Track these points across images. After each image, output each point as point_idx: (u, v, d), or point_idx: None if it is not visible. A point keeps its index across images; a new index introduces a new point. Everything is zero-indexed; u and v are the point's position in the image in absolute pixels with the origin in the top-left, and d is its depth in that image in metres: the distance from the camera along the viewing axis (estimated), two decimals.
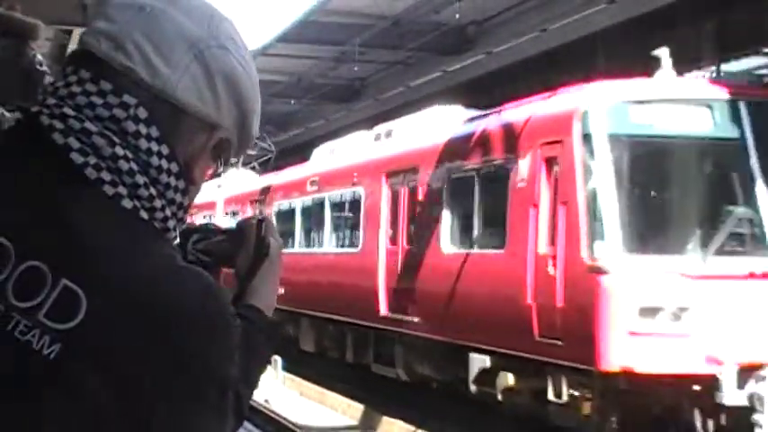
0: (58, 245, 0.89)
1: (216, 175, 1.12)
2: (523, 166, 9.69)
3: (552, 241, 9.05)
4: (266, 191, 19.78)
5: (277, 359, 19.34)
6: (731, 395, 7.95)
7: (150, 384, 0.89)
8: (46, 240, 0.89)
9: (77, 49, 1.01)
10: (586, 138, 8.89)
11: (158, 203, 0.98)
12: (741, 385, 7.95)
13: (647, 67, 10.29)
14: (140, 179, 0.96)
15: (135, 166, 0.96)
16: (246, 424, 10.51)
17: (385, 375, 13.64)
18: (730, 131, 9.03)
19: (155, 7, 1.00)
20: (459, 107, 13.86)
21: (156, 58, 0.98)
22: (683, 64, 17.73)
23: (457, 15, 20.20)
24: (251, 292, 1.23)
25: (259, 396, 15.52)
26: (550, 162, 9.30)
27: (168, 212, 1.00)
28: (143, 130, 0.97)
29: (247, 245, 1.26)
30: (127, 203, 0.95)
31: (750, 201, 8.88)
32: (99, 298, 0.88)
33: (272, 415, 13.09)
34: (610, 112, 9.05)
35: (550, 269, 8.93)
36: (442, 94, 24.63)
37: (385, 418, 13.89)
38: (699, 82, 10.75)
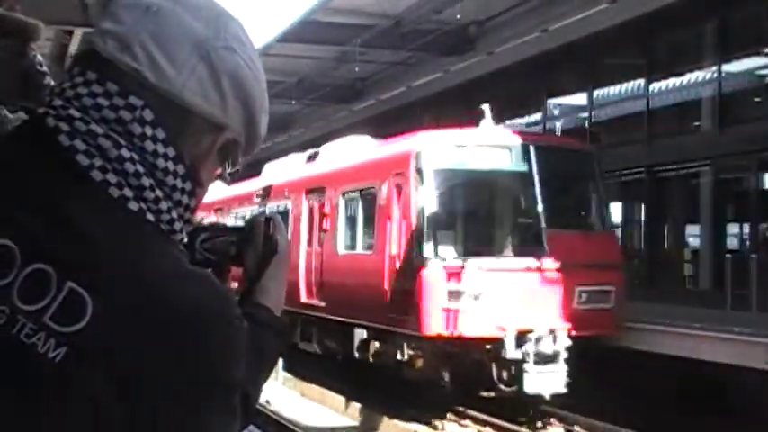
0: (64, 247, 0.89)
1: (223, 176, 1.12)
2: (384, 190, 13.35)
3: (399, 245, 12.67)
4: (226, 201, 21.33)
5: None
6: (512, 351, 11.66)
7: (155, 387, 0.88)
8: (51, 243, 0.89)
9: (84, 50, 1.01)
10: (419, 171, 12.56)
11: (165, 205, 0.98)
12: (518, 345, 11.67)
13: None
14: (146, 181, 0.96)
15: (141, 169, 0.95)
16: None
17: (308, 351, 16.69)
18: (522, 167, 12.72)
19: (161, 7, 1.00)
20: (368, 137, 17.04)
21: (163, 60, 0.98)
22: (685, 64, 17.80)
23: (458, 16, 20.20)
24: (259, 290, 1.23)
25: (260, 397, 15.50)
26: (399, 187, 12.93)
27: (175, 214, 0.99)
28: (149, 132, 0.96)
29: (255, 243, 1.26)
30: (133, 205, 0.95)
31: (533, 215, 12.64)
32: (104, 301, 0.88)
33: (274, 416, 13.09)
34: (435, 152, 12.71)
35: (397, 265, 12.63)
36: (442, 94, 24.69)
37: (386, 419, 13.91)
38: (503, 131, 14.45)
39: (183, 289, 0.93)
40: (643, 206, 19.39)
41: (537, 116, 22.26)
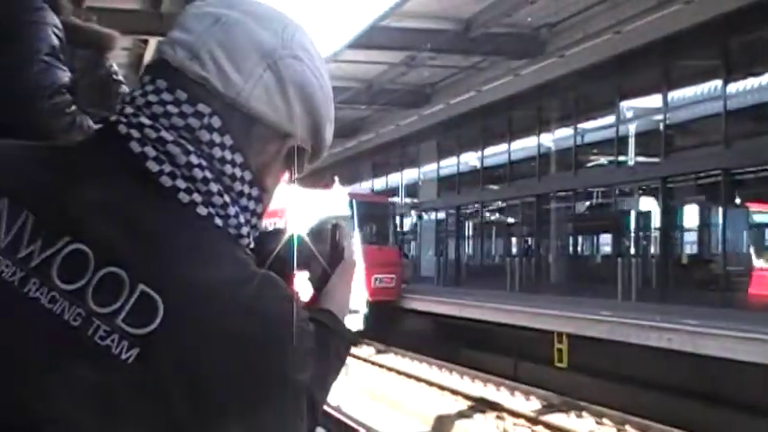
0: (136, 251, 0.90)
1: (291, 181, 1.13)
2: None
3: None
4: None
5: (348, 363, 19.44)
6: None
7: (224, 388, 0.89)
8: (123, 247, 0.90)
9: (154, 59, 1.03)
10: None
11: (232, 210, 0.99)
12: None
13: None
14: (214, 187, 0.97)
15: (209, 175, 0.97)
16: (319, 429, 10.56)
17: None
18: (349, 211, 19.14)
19: (230, 17, 1.01)
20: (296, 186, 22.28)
21: (230, 68, 0.99)
22: (763, 65, 17.35)
23: (529, 18, 20.04)
24: (326, 296, 1.24)
25: (331, 400, 15.60)
26: None
27: (242, 219, 1.00)
28: (217, 139, 0.98)
29: (322, 249, 1.26)
30: (202, 210, 0.96)
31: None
32: (175, 303, 0.89)
33: (345, 420, 13.14)
34: (300, 208, 15.63)
35: None
36: (513, 98, 24.53)
37: (458, 422, 13.86)
38: (343, 190, 20.18)
39: (251, 291, 0.94)
40: (720, 209, 19.00)
41: (610, 119, 21.94)
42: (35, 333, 0.88)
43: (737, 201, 19.16)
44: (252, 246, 1.04)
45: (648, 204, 21.16)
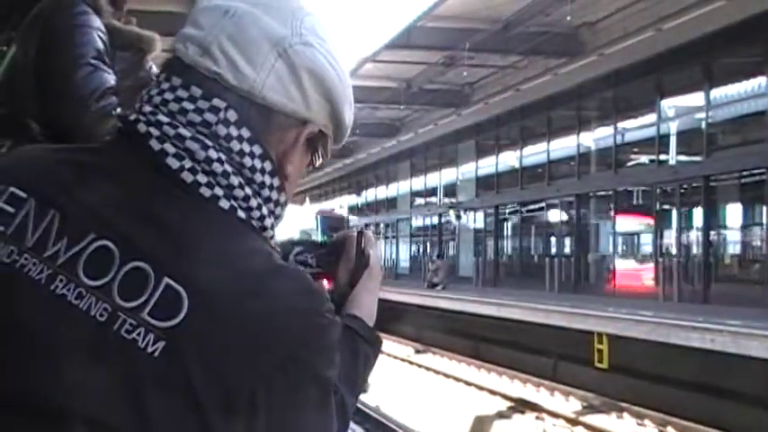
0: (160, 246, 0.92)
1: (315, 167, 1.13)
2: None
3: None
4: None
5: (387, 364, 19.47)
6: None
7: (252, 381, 0.90)
8: (148, 242, 0.92)
9: (169, 57, 1.04)
10: None
11: (254, 202, 1.00)
12: None
13: None
14: (235, 180, 0.98)
15: (229, 168, 0.98)
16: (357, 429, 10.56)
17: None
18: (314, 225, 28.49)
19: (238, 9, 1.02)
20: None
21: (242, 61, 0.99)
22: None
23: (568, 17, 19.89)
24: (352, 302, 1.24)
25: (369, 400, 15.61)
26: None
27: (265, 211, 1.01)
28: (234, 132, 0.99)
29: (348, 256, 1.26)
30: (224, 204, 0.97)
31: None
32: (200, 296, 0.90)
33: (383, 419, 13.15)
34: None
35: None
36: (553, 98, 24.37)
37: (495, 423, 13.82)
38: (310, 207, 26.79)
39: (276, 283, 0.94)
40: (765, 208, 18.71)
41: (651, 117, 21.72)
42: (63, 329, 0.90)
43: None
44: (276, 239, 1.05)
45: (691, 205, 20.91)
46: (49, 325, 0.90)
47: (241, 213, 0.98)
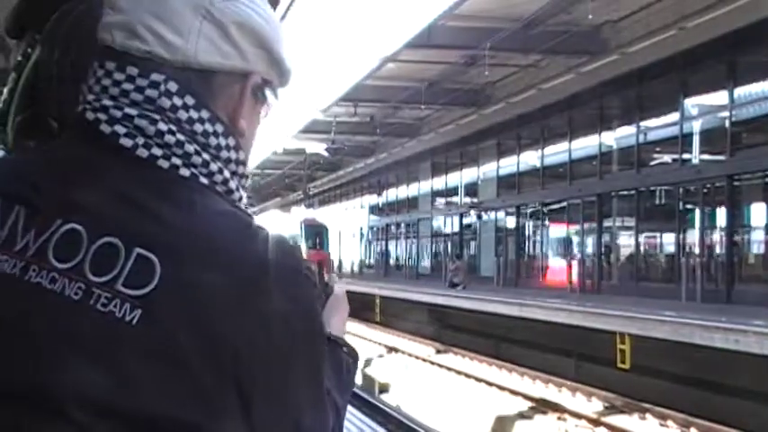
0: (127, 219, 0.94)
1: (267, 115, 1.13)
2: None
3: None
4: None
5: (408, 364, 19.45)
6: None
7: (235, 340, 0.90)
8: (115, 218, 0.94)
9: (97, 46, 1.04)
10: None
11: (215, 166, 1.01)
12: None
13: None
14: (191, 147, 0.99)
15: (182, 137, 0.99)
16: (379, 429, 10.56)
17: None
18: (297, 232, 34.59)
19: None
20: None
21: (169, 34, 1.00)
22: None
23: (590, 15, 19.79)
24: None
25: (390, 400, 15.61)
26: None
27: (227, 173, 1.02)
28: (178, 102, 1.00)
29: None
30: (185, 172, 0.98)
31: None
32: (171, 260, 0.92)
33: (404, 419, 13.14)
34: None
35: None
36: (575, 96, 24.26)
37: (517, 424, 13.78)
38: (294, 216, 34.61)
39: (248, 243, 0.95)
40: None
41: (674, 116, 21.58)
42: (42, 314, 0.92)
43: None
44: (243, 199, 1.05)
45: (715, 204, 20.76)
46: (27, 312, 0.92)
47: (203, 179, 1.00)
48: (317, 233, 37.54)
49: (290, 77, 1.12)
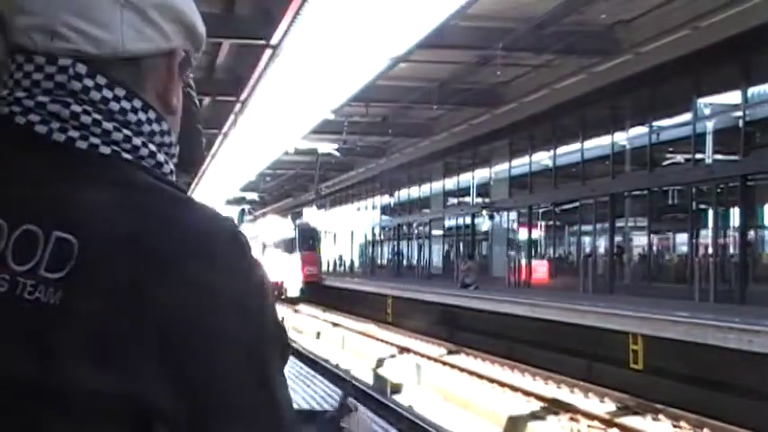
0: (45, 205, 0.93)
1: (188, 86, 1.13)
2: None
3: None
4: None
5: (420, 364, 19.43)
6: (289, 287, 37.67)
7: (160, 312, 0.89)
8: (32, 205, 0.93)
9: (15, 49, 1.02)
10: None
11: (138, 141, 1.00)
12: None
13: None
14: (109, 125, 0.98)
15: (98, 116, 0.98)
16: (390, 428, 10.55)
17: None
18: (291, 235, 44.09)
19: None
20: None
21: (94, 29, 0.99)
22: None
23: (603, 15, 19.72)
24: None
25: (403, 401, 15.60)
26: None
27: (153, 147, 1.01)
28: (89, 83, 0.99)
29: None
30: (105, 150, 0.98)
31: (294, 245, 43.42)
32: (90, 238, 0.91)
33: (417, 420, 13.12)
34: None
35: None
36: (588, 96, 24.19)
37: (530, 424, 13.73)
38: (289, 220, 44.31)
39: (173, 212, 0.94)
40: None
41: (687, 116, 21.49)
42: None
43: None
44: (174, 173, 1.04)
45: (724, 205, 20.65)
46: None
47: (127, 155, 0.99)
48: (310, 236, 43.98)
49: (203, 41, 1.11)
